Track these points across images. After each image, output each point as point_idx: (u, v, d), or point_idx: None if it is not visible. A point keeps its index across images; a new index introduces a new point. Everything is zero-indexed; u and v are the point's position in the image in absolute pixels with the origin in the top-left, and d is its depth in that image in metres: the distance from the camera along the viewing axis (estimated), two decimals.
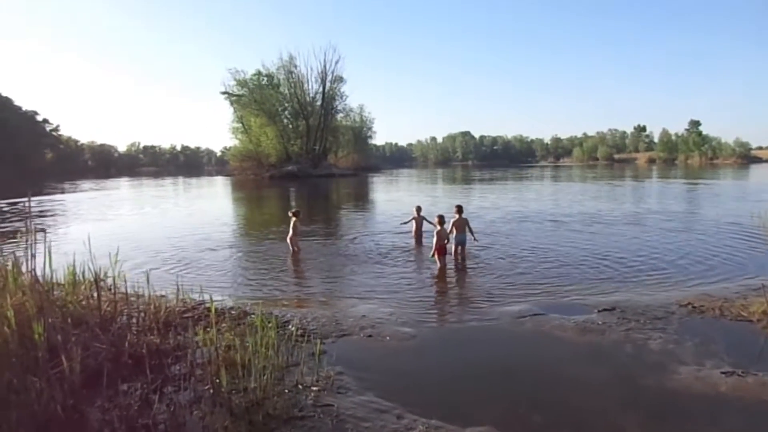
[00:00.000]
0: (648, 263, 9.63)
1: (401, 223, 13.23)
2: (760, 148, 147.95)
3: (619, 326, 5.95)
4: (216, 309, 5.05)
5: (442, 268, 9.31)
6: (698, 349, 5.24)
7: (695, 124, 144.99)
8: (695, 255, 10.33)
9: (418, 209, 12.79)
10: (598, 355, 5.18)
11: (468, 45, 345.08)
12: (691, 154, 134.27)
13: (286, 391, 4.11)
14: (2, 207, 22.76)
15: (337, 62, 71.07)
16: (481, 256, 10.46)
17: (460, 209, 10.49)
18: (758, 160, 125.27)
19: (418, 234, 12.50)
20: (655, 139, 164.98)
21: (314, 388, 4.20)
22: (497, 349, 5.49)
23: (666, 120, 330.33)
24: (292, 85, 70.99)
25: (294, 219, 11.27)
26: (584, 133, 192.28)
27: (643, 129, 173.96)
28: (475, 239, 10.50)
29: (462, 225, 10.29)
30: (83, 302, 5.06)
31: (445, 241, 9.65)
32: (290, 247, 11.14)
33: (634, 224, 15.35)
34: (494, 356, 5.31)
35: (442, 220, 9.71)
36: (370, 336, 5.70)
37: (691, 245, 11.46)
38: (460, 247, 10.26)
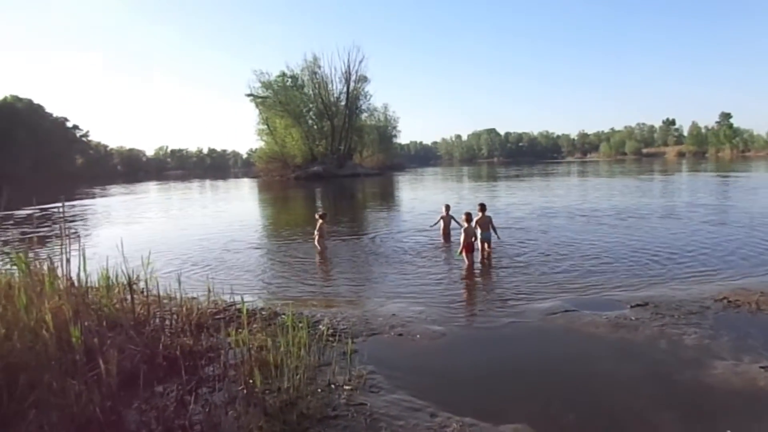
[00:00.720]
0: (681, 257, 9.43)
1: (431, 226, 13.12)
2: None
3: (652, 322, 5.84)
4: (247, 310, 5.09)
5: (470, 266, 9.26)
6: (735, 343, 5.11)
7: (726, 116, 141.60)
8: (729, 248, 10.08)
9: (447, 208, 12.74)
10: (632, 352, 5.08)
11: (492, 42, 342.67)
12: (722, 147, 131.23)
13: (319, 390, 4.13)
14: (36, 212, 23.35)
15: (360, 62, 71.21)
16: (509, 252, 10.38)
17: (483, 207, 10.44)
18: None
19: (446, 232, 12.46)
20: (685, 133, 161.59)
21: (347, 387, 4.21)
22: (528, 347, 5.43)
23: (696, 113, 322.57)
24: (317, 85, 71.28)
25: (320, 221, 11.36)
26: (611, 128, 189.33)
27: (672, 122, 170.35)
28: (497, 237, 10.43)
29: (486, 223, 10.24)
30: (117, 305, 5.15)
31: (473, 239, 9.60)
32: (317, 248, 11.24)
33: (665, 218, 15.06)
34: (526, 354, 5.26)
35: (469, 217, 9.66)
36: (400, 335, 5.69)
37: (724, 238, 11.19)
38: (486, 245, 10.19)
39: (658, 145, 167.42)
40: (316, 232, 11.45)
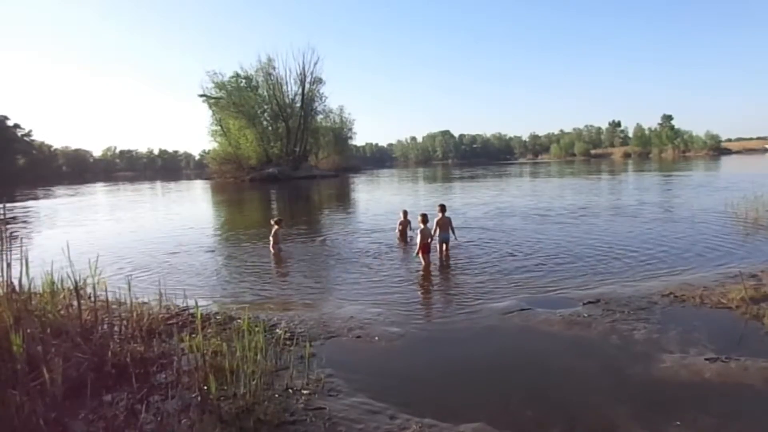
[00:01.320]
0: (628, 255, 9.76)
1: (397, 230, 13.01)
2: (729, 140, 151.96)
3: (604, 318, 6.02)
4: (201, 314, 4.96)
5: (427, 267, 9.31)
6: (682, 337, 5.32)
7: (667, 118, 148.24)
8: (674, 245, 10.50)
9: (405, 213, 12.79)
10: (586, 348, 5.22)
11: (446, 44, 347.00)
12: (665, 148, 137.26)
13: (277, 395, 4.06)
14: None
15: (316, 63, 70.70)
16: (465, 253, 10.50)
17: (443, 208, 10.54)
18: (728, 151, 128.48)
19: (403, 233, 12.50)
20: (630, 134, 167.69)
21: (305, 392, 4.15)
22: (486, 346, 5.49)
23: (639, 115, 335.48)
24: (271, 87, 70.33)
25: (276, 227, 11.24)
26: (561, 130, 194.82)
27: (618, 124, 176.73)
28: (455, 238, 10.54)
29: (445, 223, 10.33)
30: (62, 311, 4.94)
31: (429, 240, 9.65)
32: (272, 252, 11.11)
33: (613, 216, 15.58)
34: (483, 353, 5.31)
35: (425, 218, 9.71)
36: (358, 337, 5.67)
37: (669, 236, 11.66)
38: (444, 245, 10.28)
39: (605, 146, 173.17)
40: (271, 238, 11.30)
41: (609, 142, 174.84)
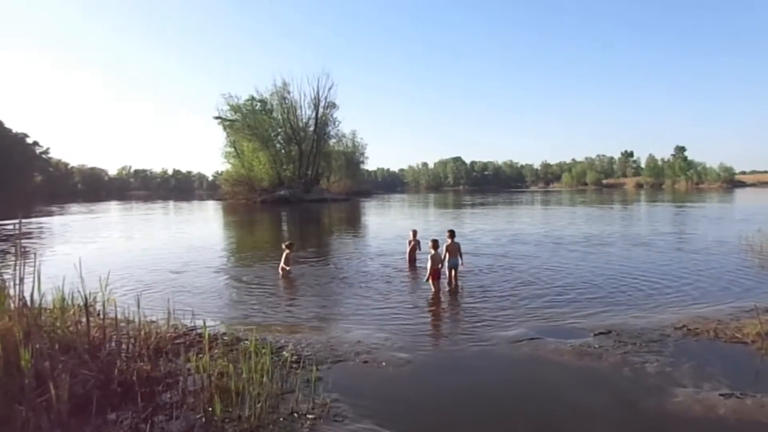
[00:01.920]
0: (641, 285, 9.65)
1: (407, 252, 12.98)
2: (743, 172, 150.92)
3: (615, 350, 5.92)
4: (208, 335, 4.95)
5: (437, 292, 9.25)
6: (695, 371, 5.21)
7: (681, 149, 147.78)
8: (687, 277, 10.37)
9: (414, 233, 12.79)
10: (596, 379, 5.12)
11: (459, 71, 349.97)
12: (678, 179, 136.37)
13: (281, 419, 4.01)
14: None
15: (330, 88, 71.61)
16: (475, 279, 10.44)
17: (452, 234, 10.51)
18: (742, 184, 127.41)
19: (412, 257, 12.46)
20: (642, 165, 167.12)
21: (310, 416, 4.10)
22: (494, 375, 5.42)
23: (652, 145, 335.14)
24: (286, 110, 71.24)
25: (287, 251, 11.25)
26: (573, 159, 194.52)
27: (631, 154, 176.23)
28: (462, 263, 10.47)
29: (455, 249, 10.29)
30: (71, 328, 4.94)
31: (439, 266, 9.61)
32: (281, 274, 11.10)
33: (625, 246, 15.42)
34: (491, 381, 5.23)
35: (436, 244, 9.67)
36: (365, 362, 5.61)
37: (682, 267, 11.53)
38: (453, 271, 10.22)
39: (617, 176, 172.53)
40: (282, 261, 11.31)
41: (621, 172, 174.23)
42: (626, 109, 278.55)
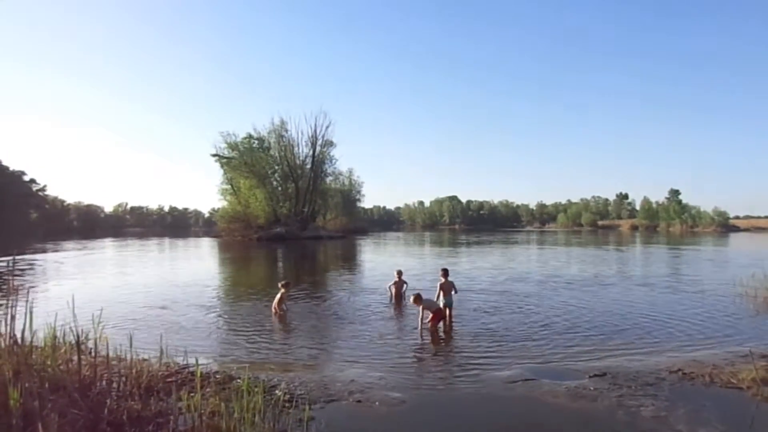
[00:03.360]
0: (636, 328, 9.66)
1: (389, 287, 13.10)
2: (738, 217, 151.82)
3: (610, 392, 5.89)
4: (201, 373, 4.91)
5: (433, 333, 9.23)
6: (690, 416, 5.18)
7: (675, 192, 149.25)
8: (683, 320, 10.38)
9: (399, 273, 12.96)
10: (592, 422, 5.09)
11: (456, 112, 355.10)
12: (673, 222, 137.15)
13: None
14: None
15: (327, 127, 72.55)
16: (470, 318, 10.42)
17: (446, 272, 10.57)
18: (736, 228, 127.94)
19: (398, 296, 12.54)
20: (637, 207, 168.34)
21: None
22: (488, 416, 5.37)
23: (647, 188, 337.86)
24: (283, 148, 71.96)
25: (282, 290, 11.23)
26: (568, 200, 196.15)
27: (626, 196, 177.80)
28: (455, 292, 10.50)
29: (449, 288, 10.32)
30: (62, 366, 4.90)
31: (444, 307, 9.70)
32: (274, 312, 11.04)
33: (622, 289, 15.44)
34: (485, 423, 5.18)
35: (418, 298, 9.63)
36: (359, 401, 5.56)
37: (678, 310, 11.54)
38: (448, 310, 10.21)
39: (612, 218, 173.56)
40: (275, 300, 11.27)
41: (616, 214, 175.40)
42: (621, 152, 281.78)
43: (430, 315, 9.47)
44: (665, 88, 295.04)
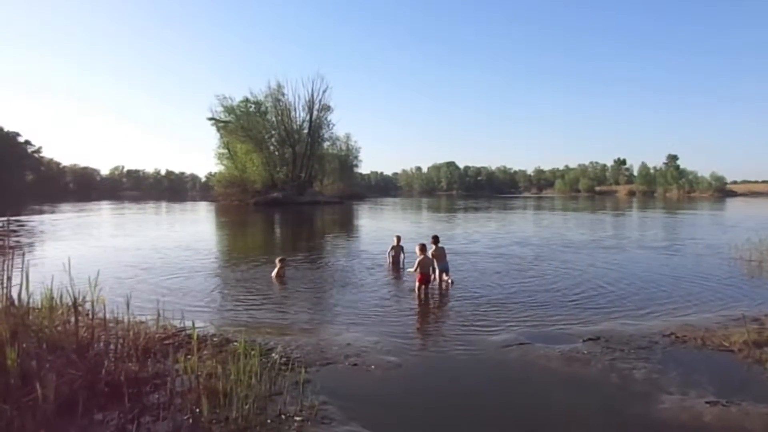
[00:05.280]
0: (630, 292, 9.72)
1: (388, 253, 13.11)
2: (735, 182, 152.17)
3: (604, 356, 5.95)
4: (197, 336, 4.94)
5: (425, 297, 9.28)
6: (682, 378, 5.24)
7: (673, 158, 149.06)
8: (676, 285, 10.46)
9: (398, 238, 12.94)
10: (584, 385, 5.15)
11: (454, 76, 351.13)
12: (670, 187, 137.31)
13: (269, 421, 4.01)
14: None
15: (324, 91, 71.74)
16: (465, 283, 10.46)
17: (436, 239, 10.61)
18: (733, 194, 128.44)
19: (396, 262, 12.56)
20: (635, 172, 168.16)
21: (297, 418, 4.10)
22: (483, 379, 5.43)
23: (645, 154, 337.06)
24: (280, 112, 71.25)
25: (279, 266, 11.20)
26: (566, 165, 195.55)
27: (623, 162, 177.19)
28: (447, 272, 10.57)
29: (441, 254, 10.35)
30: (59, 327, 4.91)
31: (430, 270, 9.64)
32: (273, 280, 11.03)
33: (617, 253, 15.50)
34: (480, 386, 5.25)
35: (423, 248, 9.72)
36: (355, 365, 5.61)
37: (672, 275, 11.62)
38: (443, 275, 10.27)
39: (609, 184, 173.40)
40: (274, 272, 11.26)
41: (614, 180, 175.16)
42: (620, 117, 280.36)
43: (418, 274, 9.48)
44: (663, 53, 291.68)
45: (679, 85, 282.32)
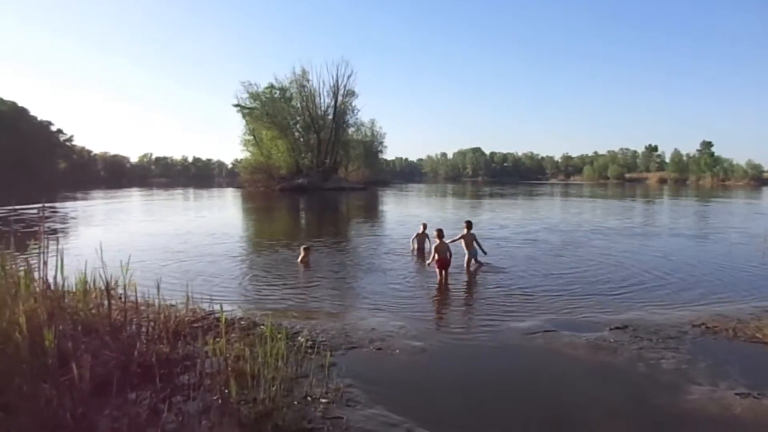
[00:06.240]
0: (660, 280, 9.56)
1: (412, 240, 13.08)
2: None
3: (631, 345, 5.88)
4: (225, 319, 5.03)
5: (445, 281, 9.28)
6: (712, 369, 5.15)
7: (707, 144, 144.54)
8: (708, 274, 10.23)
9: (424, 226, 12.92)
10: (610, 374, 5.11)
11: (479, 60, 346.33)
12: (703, 175, 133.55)
13: (295, 402, 4.08)
14: (11, 215, 22.92)
15: (349, 77, 71.40)
16: (492, 270, 10.43)
17: (469, 225, 10.57)
18: None
19: (421, 248, 12.55)
20: (667, 159, 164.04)
21: (323, 401, 4.16)
22: (507, 366, 5.43)
23: (678, 140, 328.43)
24: (305, 98, 71.29)
25: (304, 253, 11.30)
26: (595, 152, 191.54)
27: (655, 149, 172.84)
28: (484, 252, 10.57)
29: (470, 240, 10.33)
30: (93, 310, 5.06)
31: (448, 255, 9.61)
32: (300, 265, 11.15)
33: (646, 240, 15.25)
34: (504, 373, 5.25)
35: (440, 233, 9.68)
36: (379, 349, 5.66)
37: (704, 264, 11.37)
38: (473, 260, 10.29)
39: (640, 171, 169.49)
40: (299, 258, 11.37)
41: (645, 167, 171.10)
42: (652, 103, 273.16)
43: (436, 256, 9.47)
44: (698, 35, 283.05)
45: (715, 71, 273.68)
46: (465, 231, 10.40)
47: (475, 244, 10.50)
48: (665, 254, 12.66)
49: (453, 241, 10.23)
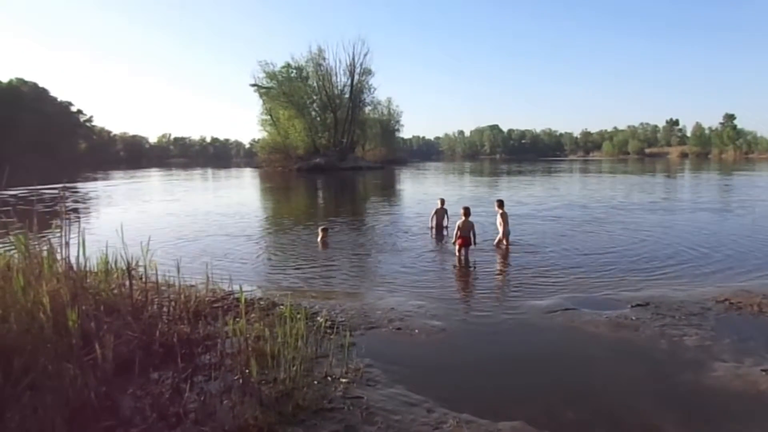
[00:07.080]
0: (683, 256, 9.41)
1: (431, 217, 13.01)
2: None
3: (653, 322, 5.80)
4: (245, 299, 5.05)
5: (465, 260, 9.24)
6: (736, 346, 5.07)
7: (730, 117, 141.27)
8: (732, 249, 10.04)
9: (442, 202, 12.87)
10: (632, 352, 5.04)
11: (497, 38, 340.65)
12: (725, 149, 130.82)
13: (315, 382, 4.10)
14: (34, 196, 23.30)
15: (365, 55, 70.76)
16: (512, 248, 10.35)
17: (501, 204, 10.55)
18: None
19: (440, 226, 12.49)
20: (688, 133, 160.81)
21: (343, 380, 4.18)
22: (528, 344, 5.40)
23: (699, 114, 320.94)
24: (321, 77, 70.91)
25: (322, 234, 11.34)
26: (614, 127, 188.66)
27: (676, 123, 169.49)
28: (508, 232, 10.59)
29: (505, 218, 10.32)
30: (115, 291, 5.12)
31: (471, 234, 9.55)
32: (318, 242, 11.22)
33: (667, 215, 15.02)
34: (525, 351, 5.22)
35: (467, 212, 9.62)
36: (399, 329, 5.66)
37: (727, 239, 11.17)
38: (505, 239, 10.28)
39: (661, 145, 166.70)
40: (318, 239, 11.42)
41: (665, 141, 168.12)
42: (672, 77, 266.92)
43: (459, 234, 9.44)
44: (721, 4, 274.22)
45: (738, 41, 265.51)
46: (500, 211, 10.44)
47: (509, 222, 10.53)
48: (688, 229, 12.46)
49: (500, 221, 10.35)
